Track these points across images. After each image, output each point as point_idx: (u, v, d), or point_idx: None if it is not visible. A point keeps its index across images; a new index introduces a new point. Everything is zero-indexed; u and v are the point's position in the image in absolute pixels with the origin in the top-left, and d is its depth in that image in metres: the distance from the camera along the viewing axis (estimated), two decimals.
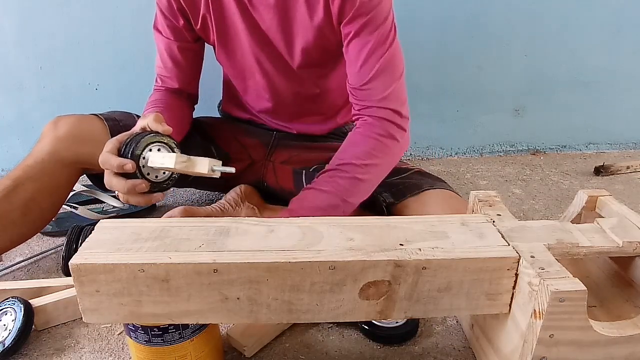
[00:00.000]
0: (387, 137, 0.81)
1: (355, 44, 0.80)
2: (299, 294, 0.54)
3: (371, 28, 0.78)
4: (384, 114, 0.81)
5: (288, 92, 0.95)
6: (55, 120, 0.88)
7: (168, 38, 0.91)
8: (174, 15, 0.88)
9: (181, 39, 0.91)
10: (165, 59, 0.93)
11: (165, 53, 0.92)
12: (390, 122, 0.81)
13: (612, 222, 0.62)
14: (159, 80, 0.97)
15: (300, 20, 0.83)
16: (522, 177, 1.37)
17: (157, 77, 0.97)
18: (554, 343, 0.52)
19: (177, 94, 0.97)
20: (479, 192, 0.69)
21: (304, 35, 0.84)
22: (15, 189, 0.81)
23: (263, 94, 0.97)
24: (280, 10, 0.82)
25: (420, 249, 0.54)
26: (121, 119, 0.94)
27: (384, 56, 0.80)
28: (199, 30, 0.90)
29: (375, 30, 0.79)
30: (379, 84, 0.81)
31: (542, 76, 1.46)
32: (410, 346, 0.70)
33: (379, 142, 0.81)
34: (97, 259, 0.52)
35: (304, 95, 0.97)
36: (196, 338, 0.60)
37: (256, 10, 0.84)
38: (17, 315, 0.70)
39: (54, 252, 0.97)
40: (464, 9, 1.35)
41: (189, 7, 0.86)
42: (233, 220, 0.60)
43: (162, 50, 0.93)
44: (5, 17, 1.24)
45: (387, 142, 0.81)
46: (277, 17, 0.83)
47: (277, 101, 0.97)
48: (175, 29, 0.89)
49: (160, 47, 0.93)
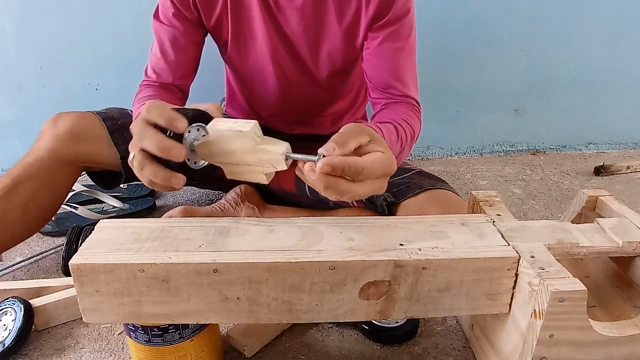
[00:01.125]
0: (416, 112, 0.86)
1: (387, 47, 0.83)
2: (299, 294, 0.54)
3: (404, 32, 0.83)
4: (409, 102, 0.87)
5: (300, 96, 0.95)
6: (55, 118, 0.88)
7: (174, 27, 0.86)
8: (187, 8, 0.85)
9: (189, 31, 0.87)
10: (166, 49, 0.88)
11: (168, 43, 0.88)
12: (415, 107, 0.87)
13: (612, 222, 0.62)
14: (152, 73, 0.91)
15: (329, 24, 0.83)
16: (522, 177, 1.37)
17: (150, 70, 0.92)
18: (554, 343, 0.52)
19: (171, 90, 0.92)
20: (479, 192, 0.69)
21: (331, 40, 0.85)
22: (14, 187, 0.81)
23: (272, 97, 0.95)
24: (308, 13, 0.82)
25: (420, 249, 0.54)
26: (119, 117, 0.94)
27: (412, 58, 0.86)
28: (211, 29, 0.88)
29: (407, 34, 0.83)
30: (407, 83, 0.86)
31: (542, 76, 1.46)
32: (410, 346, 0.70)
33: (411, 111, 0.85)
34: (97, 259, 0.52)
35: (314, 100, 0.96)
36: (196, 338, 0.60)
37: (282, 12, 0.83)
38: (17, 315, 0.70)
39: (54, 252, 0.97)
40: (464, 9, 1.35)
41: (204, 5, 0.84)
42: (233, 220, 0.60)
43: (164, 40, 0.88)
44: (5, 17, 1.24)
45: (418, 114, 0.86)
46: (303, 20, 0.83)
47: (286, 106, 0.97)
48: (184, 19, 0.86)
49: (163, 37, 0.88)
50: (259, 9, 0.83)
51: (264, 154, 0.54)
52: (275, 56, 0.88)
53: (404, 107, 0.85)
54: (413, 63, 0.88)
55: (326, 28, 0.84)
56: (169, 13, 0.86)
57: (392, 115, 0.80)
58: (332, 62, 0.88)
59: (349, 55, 0.88)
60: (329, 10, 0.82)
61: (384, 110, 0.85)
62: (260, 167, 0.55)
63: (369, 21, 0.81)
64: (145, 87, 0.90)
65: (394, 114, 0.81)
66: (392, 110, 0.84)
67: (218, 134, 0.55)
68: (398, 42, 0.83)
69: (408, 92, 0.86)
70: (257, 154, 0.54)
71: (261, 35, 0.86)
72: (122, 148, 0.92)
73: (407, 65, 0.86)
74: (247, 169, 0.56)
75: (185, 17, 0.86)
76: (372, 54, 0.85)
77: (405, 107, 0.85)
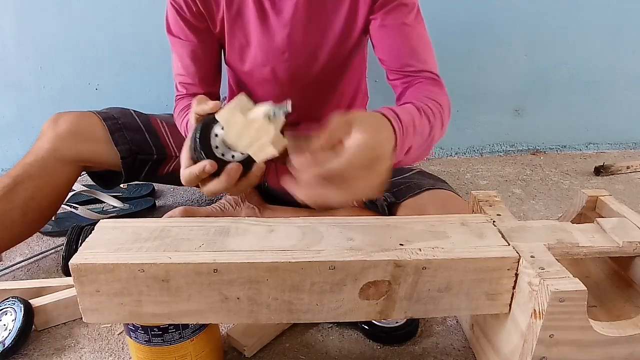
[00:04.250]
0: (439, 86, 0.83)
1: (392, 24, 0.81)
2: (299, 294, 0.54)
3: (407, 6, 0.81)
4: (429, 76, 0.83)
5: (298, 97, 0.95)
6: (55, 118, 0.88)
7: (190, 41, 0.87)
8: (196, 18, 0.85)
9: (204, 40, 0.88)
10: (187, 64, 0.89)
11: (188, 58, 0.88)
12: (437, 80, 0.83)
13: (612, 222, 0.62)
14: (181, 88, 0.93)
15: (325, 14, 0.82)
16: (522, 177, 1.37)
17: (178, 86, 0.93)
18: (554, 343, 0.52)
19: None
20: (479, 192, 0.69)
21: (329, 35, 0.84)
22: (15, 187, 0.81)
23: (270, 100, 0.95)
24: (303, 7, 0.81)
25: (421, 249, 0.54)
26: (119, 116, 0.94)
27: (421, 31, 0.84)
28: (217, 34, 0.88)
29: (411, 8, 0.82)
30: (422, 57, 0.83)
31: (542, 76, 1.46)
32: (410, 346, 0.70)
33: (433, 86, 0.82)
34: (97, 259, 0.52)
35: (313, 100, 0.96)
36: (196, 338, 0.60)
37: (278, 12, 0.83)
38: (17, 315, 0.70)
39: (54, 252, 0.97)
40: (464, 9, 1.35)
41: (207, 11, 0.84)
42: (233, 220, 0.60)
43: (184, 55, 0.89)
44: (5, 17, 1.24)
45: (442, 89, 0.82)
46: (300, 15, 0.82)
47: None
48: (197, 30, 0.86)
49: (181, 52, 0.89)
50: (255, 13, 0.83)
51: (255, 122, 0.55)
52: (270, 61, 0.88)
53: (423, 85, 0.81)
54: (424, 37, 0.84)
55: (323, 19, 0.83)
56: (183, 27, 0.86)
57: (412, 96, 0.76)
58: (332, 55, 0.87)
59: (348, 46, 0.87)
60: (326, 1, 0.81)
61: (404, 94, 0.82)
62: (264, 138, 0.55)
63: (368, 3, 0.80)
64: (180, 100, 0.92)
65: (413, 95, 0.77)
66: (411, 92, 0.80)
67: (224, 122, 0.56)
68: (402, 18, 0.81)
69: (424, 66, 0.82)
70: (252, 124, 0.55)
71: (256, 41, 0.86)
72: (123, 148, 0.92)
73: (418, 39, 0.83)
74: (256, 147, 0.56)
75: (197, 28, 0.86)
76: (378, 36, 0.83)
77: (425, 84, 0.81)
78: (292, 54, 0.87)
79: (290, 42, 0.85)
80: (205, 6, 0.84)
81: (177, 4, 0.84)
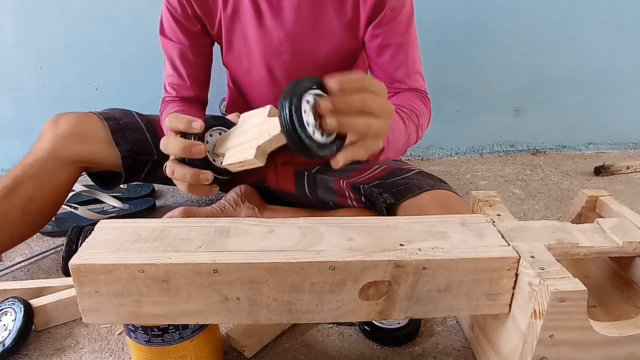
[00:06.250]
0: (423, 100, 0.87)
1: (389, 45, 0.84)
2: (299, 294, 0.54)
3: (404, 24, 0.83)
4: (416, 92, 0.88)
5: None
6: (55, 118, 0.88)
7: (181, 43, 0.88)
8: (190, 21, 0.86)
9: (196, 44, 0.89)
10: (177, 66, 0.90)
11: (178, 60, 0.89)
12: (423, 95, 0.88)
13: (612, 222, 0.62)
14: (171, 89, 0.93)
15: (328, 21, 0.83)
16: (522, 177, 1.37)
17: (168, 87, 0.94)
18: (554, 343, 0.52)
19: (191, 101, 0.94)
20: (479, 192, 0.69)
21: (331, 38, 0.85)
22: (15, 188, 0.81)
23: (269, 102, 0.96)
24: (305, 12, 0.82)
25: (420, 249, 0.54)
26: (121, 116, 0.94)
27: (414, 49, 0.87)
28: (215, 36, 0.89)
29: (407, 26, 0.84)
30: (413, 76, 0.88)
31: (542, 76, 1.46)
32: (410, 346, 0.70)
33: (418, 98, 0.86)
34: (97, 259, 0.51)
35: None
36: (196, 338, 0.60)
37: (277, 15, 0.83)
38: (17, 315, 0.70)
39: (54, 252, 0.97)
40: (464, 9, 1.35)
41: (205, 13, 0.85)
42: (233, 221, 0.60)
43: (174, 57, 0.90)
44: (5, 17, 1.24)
45: (426, 102, 0.87)
46: (301, 19, 0.82)
47: None
48: (190, 33, 0.87)
49: (172, 54, 0.90)
50: (252, 14, 0.83)
51: (267, 122, 0.55)
52: (268, 62, 0.88)
53: (406, 94, 0.85)
54: (416, 54, 0.88)
55: (325, 25, 0.83)
56: (175, 29, 0.87)
57: (396, 102, 0.80)
58: (331, 59, 0.88)
59: (351, 50, 0.88)
60: (327, 7, 0.82)
61: (390, 99, 0.84)
62: (255, 141, 0.54)
63: (368, 14, 0.81)
64: (168, 103, 0.93)
65: (398, 101, 0.81)
66: (397, 98, 0.84)
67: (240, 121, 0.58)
68: (399, 37, 0.84)
69: (414, 84, 0.87)
70: (262, 125, 0.55)
71: (254, 42, 0.86)
72: (124, 148, 0.92)
73: (411, 59, 0.87)
74: (238, 149, 0.56)
75: (189, 30, 0.87)
76: (374, 54, 0.85)
77: (408, 94, 0.85)
78: (290, 55, 0.87)
79: (288, 43, 0.85)
80: (203, 8, 0.84)
81: (172, 5, 0.85)
